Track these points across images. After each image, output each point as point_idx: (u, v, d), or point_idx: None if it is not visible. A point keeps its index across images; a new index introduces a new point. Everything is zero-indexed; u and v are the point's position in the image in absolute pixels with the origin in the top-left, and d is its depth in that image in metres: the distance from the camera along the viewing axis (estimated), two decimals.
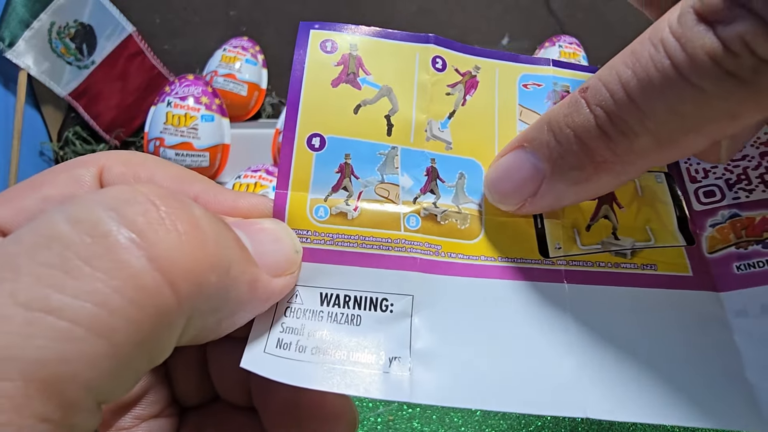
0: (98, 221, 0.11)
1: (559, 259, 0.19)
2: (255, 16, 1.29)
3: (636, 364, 0.17)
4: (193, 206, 0.13)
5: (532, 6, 1.26)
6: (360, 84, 0.20)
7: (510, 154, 0.18)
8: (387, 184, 0.19)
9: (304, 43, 0.20)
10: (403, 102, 0.20)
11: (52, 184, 0.15)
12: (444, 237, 0.19)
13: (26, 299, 0.10)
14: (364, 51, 0.20)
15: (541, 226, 0.19)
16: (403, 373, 0.16)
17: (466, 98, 0.21)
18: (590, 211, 0.19)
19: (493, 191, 0.18)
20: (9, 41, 1.07)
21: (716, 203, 0.20)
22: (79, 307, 0.10)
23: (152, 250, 0.12)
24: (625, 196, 0.20)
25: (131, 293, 0.11)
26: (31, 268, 0.10)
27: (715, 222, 0.19)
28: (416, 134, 0.20)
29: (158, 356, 0.13)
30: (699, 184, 0.20)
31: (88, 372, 0.10)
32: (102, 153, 0.16)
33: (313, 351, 0.17)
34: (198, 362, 0.19)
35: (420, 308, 0.18)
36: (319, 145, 0.19)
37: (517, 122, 0.21)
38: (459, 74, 0.21)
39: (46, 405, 0.10)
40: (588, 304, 0.18)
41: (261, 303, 0.16)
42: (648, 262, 0.19)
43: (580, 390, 0.16)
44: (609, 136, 0.14)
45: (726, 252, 0.19)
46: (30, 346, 0.10)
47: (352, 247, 0.18)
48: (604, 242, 0.19)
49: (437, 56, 0.20)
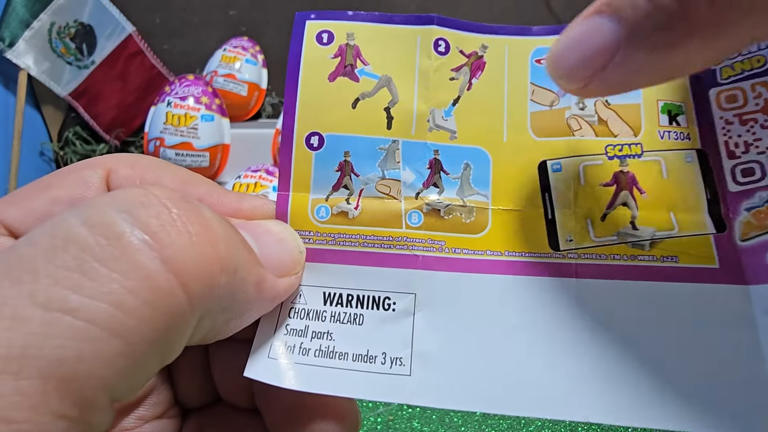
0: (113, 224, 0.12)
1: (571, 252, 0.18)
2: (255, 16, 1.29)
3: (646, 367, 0.16)
4: (203, 208, 0.13)
5: (532, 6, 1.26)
6: (358, 76, 0.19)
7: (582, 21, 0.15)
8: (388, 180, 0.19)
9: (300, 35, 0.19)
10: (404, 92, 0.19)
11: (60, 185, 0.15)
12: (448, 232, 0.18)
13: (45, 300, 0.10)
14: (362, 39, 0.19)
15: (552, 216, 0.18)
16: (404, 375, 0.16)
17: (471, 82, 0.19)
18: (607, 198, 0.18)
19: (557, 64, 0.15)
20: (9, 41, 1.07)
21: (755, 183, 0.17)
22: (96, 308, 0.11)
23: (165, 252, 0.12)
24: (648, 179, 0.18)
25: (146, 294, 0.11)
26: (49, 270, 0.11)
27: (751, 205, 0.17)
28: (418, 125, 0.19)
29: (169, 356, 0.13)
30: (738, 161, 0.18)
31: (104, 370, 0.11)
32: (108, 156, 0.16)
33: (316, 354, 0.17)
34: (201, 364, 0.19)
35: (422, 306, 0.17)
36: (317, 144, 0.18)
37: (529, 103, 0.19)
38: (464, 56, 0.19)
39: (63, 403, 0.10)
40: (599, 301, 0.17)
41: (267, 303, 0.16)
42: (669, 254, 0.17)
43: (583, 393, 0.16)
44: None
45: (761, 240, 0.17)
46: (48, 346, 0.10)
47: (353, 246, 0.18)
48: (620, 233, 0.18)
49: (440, 38, 0.19)
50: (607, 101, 0.19)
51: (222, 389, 0.19)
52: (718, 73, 0.19)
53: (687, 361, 0.16)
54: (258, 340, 0.17)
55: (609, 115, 0.19)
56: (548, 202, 0.18)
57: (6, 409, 0.09)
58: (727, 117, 0.18)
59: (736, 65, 0.18)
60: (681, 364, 0.16)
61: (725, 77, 0.18)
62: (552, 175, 0.18)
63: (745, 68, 0.18)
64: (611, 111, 0.19)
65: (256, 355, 0.17)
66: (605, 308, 0.17)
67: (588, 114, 0.19)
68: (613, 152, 0.18)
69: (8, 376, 0.10)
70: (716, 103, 0.18)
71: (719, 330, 0.16)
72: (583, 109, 0.19)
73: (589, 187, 0.18)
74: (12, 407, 0.09)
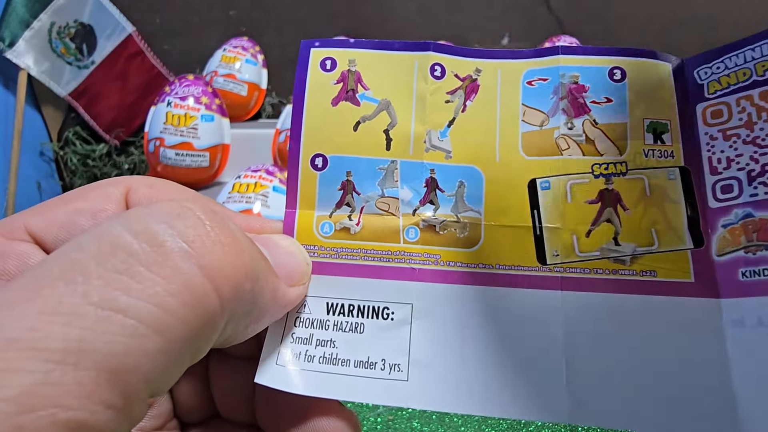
0: (155, 233, 0.13)
1: (557, 266, 0.19)
2: (255, 16, 1.29)
3: (621, 373, 0.17)
4: (229, 221, 0.15)
5: (532, 6, 1.26)
6: (359, 100, 0.20)
7: None
8: (387, 198, 0.20)
9: (305, 62, 0.20)
10: (402, 114, 0.20)
11: (84, 198, 0.17)
12: (443, 246, 0.19)
13: (98, 299, 0.11)
14: (363, 65, 0.20)
15: (540, 233, 0.19)
16: (402, 380, 0.17)
17: (466, 104, 0.20)
18: (592, 215, 0.19)
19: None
20: (9, 41, 1.07)
21: (732, 200, 0.18)
22: (143, 308, 0.12)
23: (202, 259, 0.13)
24: (632, 197, 0.19)
25: (185, 296, 0.12)
26: (99, 273, 0.12)
27: (727, 222, 0.18)
28: (415, 146, 0.20)
29: (199, 354, 0.14)
30: (719, 177, 0.18)
31: (147, 365, 0.12)
32: (128, 176, 0.18)
33: (320, 360, 0.18)
34: (200, 380, 0.20)
35: (419, 316, 0.18)
36: (322, 165, 0.20)
37: (520, 123, 0.20)
38: (459, 79, 0.21)
39: (112, 393, 0.11)
40: (582, 312, 0.18)
41: (280, 309, 0.17)
42: (648, 269, 0.18)
43: (566, 396, 0.17)
44: None
45: (734, 256, 0.18)
46: (101, 341, 0.11)
47: (355, 259, 0.19)
48: (602, 249, 0.19)
49: (436, 63, 0.20)
50: (595, 120, 0.20)
51: (221, 405, 0.20)
52: (705, 88, 0.19)
53: (661, 369, 0.17)
54: (266, 349, 0.18)
55: (596, 134, 0.20)
56: (537, 218, 0.19)
57: (65, 397, 0.10)
58: (712, 133, 0.19)
59: (722, 79, 0.19)
60: (656, 371, 0.17)
61: (712, 92, 0.19)
62: (541, 192, 0.19)
63: (731, 82, 0.19)
64: (598, 130, 0.20)
65: (265, 363, 0.18)
66: (588, 319, 0.18)
67: (576, 134, 0.20)
68: (598, 171, 0.19)
69: (68, 366, 0.11)
70: (702, 119, 0.19)
71: (691, 340, 0.17)
72: (572, 128, 0.20)
73: (576, 204, 0.19)
74: (70, 395, 0.10)
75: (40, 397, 0.10)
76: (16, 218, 0.16)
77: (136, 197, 0.17)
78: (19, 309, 0.11)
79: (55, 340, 0.11)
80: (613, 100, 0.20)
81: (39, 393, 0.10)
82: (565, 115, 0.20)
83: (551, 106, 0.20)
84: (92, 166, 1.25)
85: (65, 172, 1.27)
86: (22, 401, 0.10)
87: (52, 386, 0.10)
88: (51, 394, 0.10)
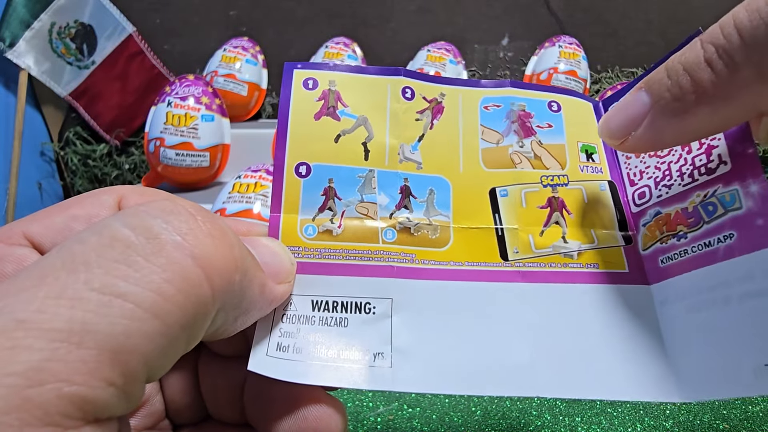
0: (151, 226, 0.14)
1: (517, 262, 0.21)
2: (255, 16, 1.29)
3: (580, 350, 0.20)
4: (219, 218, 0.16)
5: (532, 6, 1.26)
6: (339, 116, 0.22)
7: (628, 94, 0.19)
8: (366, 203, 0.22)
9: (289, 81, 0.22)
10: (378, 129, 0.23)
11: (79, 205, 0.18)
12: (417, 246, 0.21)
13: (99, 286, 0.12)
14: (342, 86, 0.23)
15: (501, 233, 0.22)
16: (386, 366, 0.19)
17: (433, 122, 0.23)
18: (543, 218, 0.22)
19: (604, 126, 0.20)
20: (9, 41, 1.07)
21: (646, 204, 0.22)
22: (141, 293, 0.13)
23: (195, 251, 0.14)
24: (574, 203, 0.23)
25: (180, 284, 0.13)
26: (100, 263, 0.13)
27: (645, 221, 0.22)
28: (390, 157, 0.22)
29: (192, 342, 0.15)
30: (635, 187, 0.23)
31: (146, 345, 0.13)
32: (121, 186, 0.19)
33: (308, 351, 0.19)
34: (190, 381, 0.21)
35: (398, 309, 0.20)
36: (305, 173, 0.22)
37: (480, 141, 0.23)
38: (426, 101, 0.23)
39: (112, 371, 0.12)
40: (541, 299, 0.21)
41: (267, 304, 0.18)
42: (591, 262, 0.22)
43: (533, 373, 0.19)
44: (713, 68, 0.16)
45: (654, 248, 0.21)
46: (103, 323, 0.12)
47: (337, 259, 0.21)
48: (554, 246, 0.22)
49: (406, 86, 0.23)
50: (540, 141, 0.24)
51: (211, 406, 0.21)
52: None
53: (608, 345, 0.20)
54: (256, 342, 0.19)
55: (542, 152, 0.23)
56: (498, 221, 0.22)
57: (69, 372, 0.11)
58: (627, 153, 0.23)
59: None
60: (604, 347, 0.20)
61: None
62: (500, 199, 0.23)
63: None
64: (544, 149, 0.24)
65: (255, 353, 0.19)
66: (545, 305, 0.21)
67: (526, 151, 0.23)
68: (546, 181, 0.23)
69: (73, 345, 0.11)
70: None
71: (631, 319, 0.21)
72: (522, 147, 0.23)
73: (530, 209, 0.22)
74: (74, 371, 0.11)
75: (46, 372, 0.11)
76: (14, 225, 0.17)
77: (128, 204, 0.18)
78: (25, 294, 0.12)
79: (61, 322, 0.12)
80: (553, 125, 0.24)
81: (46, 368, 0.11)
82: (517, 135, 0.23)
83: (505, 128, 0.24)
84: (93, 166, 1.25)
85: (66, 172, 1.27)
86: (30, 375, 0.11)
87: (57, 363, 0.11)
88: (57, 370, 0.11)
